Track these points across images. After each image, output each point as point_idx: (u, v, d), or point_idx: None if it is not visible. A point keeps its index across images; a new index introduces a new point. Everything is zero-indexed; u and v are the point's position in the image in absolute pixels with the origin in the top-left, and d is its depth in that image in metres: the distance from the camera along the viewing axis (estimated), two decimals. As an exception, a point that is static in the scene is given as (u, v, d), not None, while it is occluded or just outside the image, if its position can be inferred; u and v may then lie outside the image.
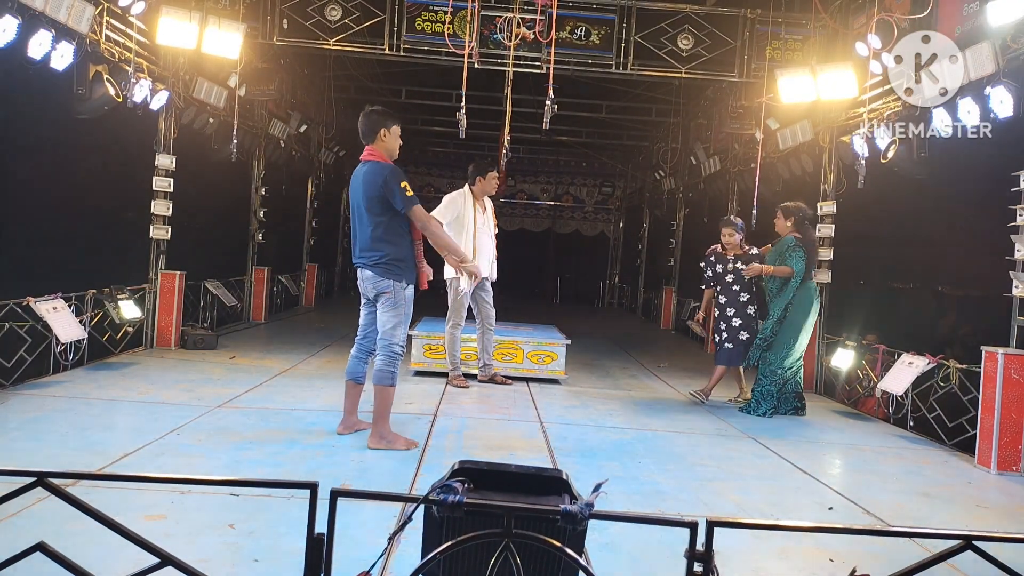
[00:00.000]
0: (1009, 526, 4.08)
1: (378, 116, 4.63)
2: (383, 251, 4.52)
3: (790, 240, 6.43)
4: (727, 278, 6.87)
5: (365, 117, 4.64)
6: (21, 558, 1.78)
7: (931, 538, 1.95)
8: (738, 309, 6.75)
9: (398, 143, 4.70)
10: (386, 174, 4.46)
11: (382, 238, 4.52)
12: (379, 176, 4.47)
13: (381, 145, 4.61)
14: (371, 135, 4.60)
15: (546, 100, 7.18)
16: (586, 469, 4.40)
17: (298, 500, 3.35)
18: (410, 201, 4.45)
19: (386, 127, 4.60)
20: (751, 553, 3.28)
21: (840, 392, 7.52)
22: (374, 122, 4.60)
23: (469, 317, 6.85)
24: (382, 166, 4.52)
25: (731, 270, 6.86)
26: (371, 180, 4.49)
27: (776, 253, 6.49)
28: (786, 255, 6.35)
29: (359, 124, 4.64)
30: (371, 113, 4.65)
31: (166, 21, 7.13)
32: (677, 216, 13.94)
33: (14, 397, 5.28)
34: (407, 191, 4.44)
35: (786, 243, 6.43)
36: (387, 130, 4.61)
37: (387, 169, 4.50)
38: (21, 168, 6.06)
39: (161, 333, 7.87)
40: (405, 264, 4.55)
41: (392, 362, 4.57)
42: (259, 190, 10.96)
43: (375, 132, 4.59)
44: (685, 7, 8.28)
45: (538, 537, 1.75)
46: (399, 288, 4.53)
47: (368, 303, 4.75)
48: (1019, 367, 5.03)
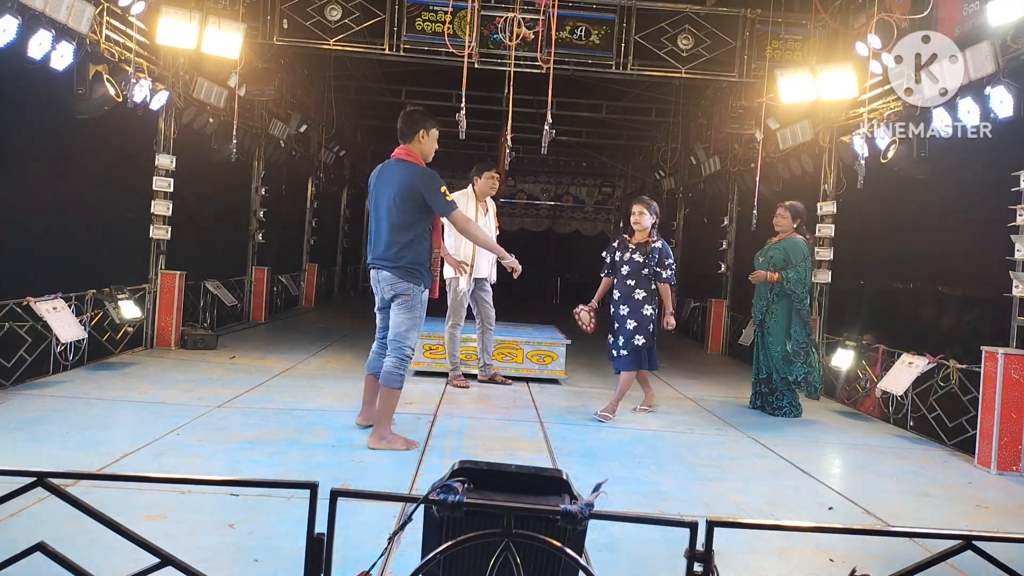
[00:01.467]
0: (1009, 526, 4.08)
1: (419, 117, 4.66)
2: (405, 254, 4.53)
3: (804, 247, 6.47)
4: (622, 269, 5.95)
5: (406, 116, 4.66)
6: (21, 558, 1.78)
7: (931, 538, 1.95)
8: (632, 308, 5.86)
9: (435, 146, 4.73)
10: (426, 178, 4.48)
11: (406, 241, 4.52)
12: (416, 178, 4.48)
13: (418, 146, 4.63)
14: (410, 135, 4.62)
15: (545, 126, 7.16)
16: (586, 469, 4.40)
17: (298, 500, 3.34)
18: (450, 206, 4.48)
19: (426, 128, 4.63)
20: (751, 553, 3.28)
21: (840, 392, 7.52)
22: (415, 122, 4.62)
23: (469, 317, 6.86)
24: (420, 169, 4.55)
25: (627, 260, 5.93)
26: (406, 180, 4.49)
27: (781, 256, 6.45)
28: (799, 265, 6.39)
29: (398, 123, 4.68)
30: (412, 113, 4.68)
31: (166, 21, 7.13)
32: (677, 216, 13.94)
33: (14, 397, 5.28)
34: (447, 195, 4.47)
35: (802, 251, 6.44)
36: (426, 132, 4.63)
37: (426, 173, 4.53)
38: (21, 168, 6.06)
39: (161, 333, 7.87)
40: (424, 268, 4.55)
41: (402, 364, 4.58)
42: (259, 190, 10.96)
43: (415, 132, 4.62)
44: (685, 7, 8.28)
45: (538, 537, 1.75)
46: (417, 292, 4.54)
47: (383, 307, 4.75)
48: (1019, 367, 5.03)
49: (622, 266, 5.95)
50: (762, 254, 6.68)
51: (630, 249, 5.96)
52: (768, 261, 6.54)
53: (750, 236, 8.66)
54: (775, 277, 6.41)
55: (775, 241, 6.65)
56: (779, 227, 6.62)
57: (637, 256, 5.89)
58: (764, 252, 6.67)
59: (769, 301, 6.53)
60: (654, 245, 5.89)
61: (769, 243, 6.74)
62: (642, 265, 5.87)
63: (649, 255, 5.86)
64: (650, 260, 5.85)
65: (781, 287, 6.43)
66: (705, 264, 11.83)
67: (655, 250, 5.88)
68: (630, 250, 5.96)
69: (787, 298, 6.44)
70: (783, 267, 6.43)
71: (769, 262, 6.53)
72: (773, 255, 6.52)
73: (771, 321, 6.52)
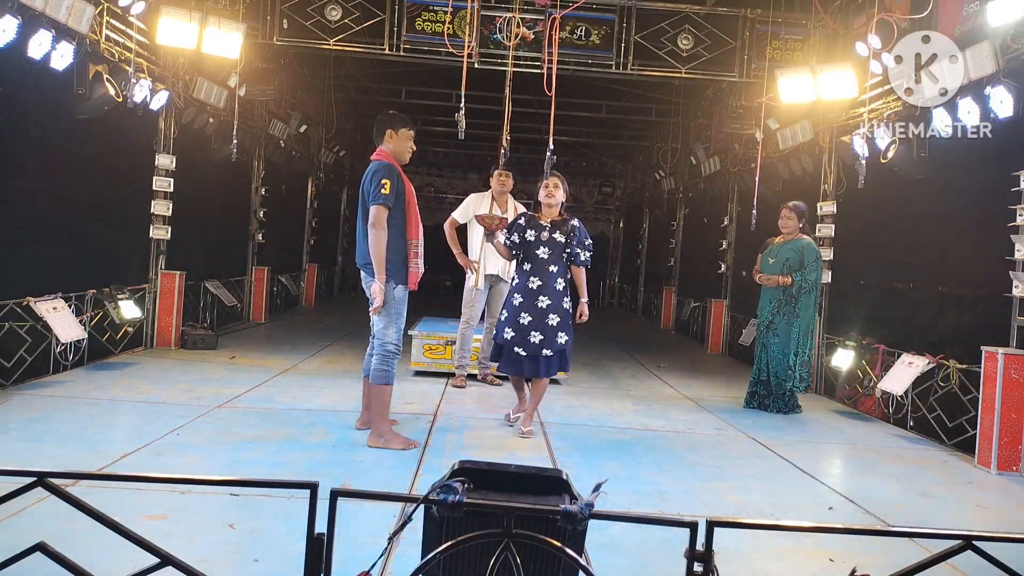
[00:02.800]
0: (1009, 526, 4.08)
1: (387, 119, 4.75)
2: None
3: (815, 248, 6.49)
4: (539, 252, 5.04)
5: (377, 120, 4.77)
6: (21, 558, 1.78)
7: (931, 538, 1.95)
8: (553, 302, 5.02)
9: (407, 146, 4.73)
10: (372, 171, 4.52)
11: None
12: (370, 172, 4.53)
13: (387, 146, 4.67)
14: (379, 136, 4.72)
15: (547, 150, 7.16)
16: (586, 469, 4.41)
17: (298, 500, 3.34)
18: (377, 198, 4.42)
19: (393, 129, 4.68)
20: (751, 553, 3.28)
21: (840, 392, 7.52)
22: (383, 123, 4.73)
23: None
24: (377, 163, 4.57)
25: (545, 241, 5.04)
26: (367, 178, 4.57)
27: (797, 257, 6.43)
28: (809, 266, 6.39)
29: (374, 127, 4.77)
30: (382, 116, 4.80)
31: (166, 21, 7.12)
32: (677, 216, 13.94)
33: (14, 397, 5.28)
34: (383, 188, 4.42)
35: (812, 251, 6.44)
36: (394, 132, 4.68)
37: (379, 165, 4.54)
38: (21, 168, 6.06)
39: (161, 333, 7.87)
40: (392, 263, 4.55)
41: (387, 361, 4.58)
42: (259, 190, 10.97)
43: (382, 133, 4.71)
44: (685, 7, 8.28)
45: (538, 537, 1.75)
46: (388, 288, 4.54)
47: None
48: (1019, 367, 5.03)
49: (537, 247, 5.03)
50: (771, 254, 6.60)
51: (545, 228, 5.07)
52: (782, 262, 6.48)
53: (750, 236, 8.65)
54: (787, 281, 6.40)
55: (781, 241, 6.62)
56: (786, 228, 6.59)
57: (558, 236, 5.04)
58: (773, 252, 6.60)
59: (781, 303, 6.49)
60: (572, 224, 5.13)
61: (771, 243, 6.70)
62: (563, 247, 5.07)
63: (570, 235, 5.07)
64: (571, 241, 5.09)
65: (791, 290, 6.43)
66: (705, 264, 11.83)
67: (575, 229, 5.11)
68: (546, 229, 5.07)
69: (797, 302, 6.43)
70: (799, 268, 6.41)
71: (784, 263, 6.47)
72: (789, 256, 6.46)
73: (781, 323, 6.48)
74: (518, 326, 5.01)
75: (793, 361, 6.45)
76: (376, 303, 4.47)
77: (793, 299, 6.44)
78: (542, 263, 5.03)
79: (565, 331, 5.05)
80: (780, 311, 6.50)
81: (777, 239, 6.69)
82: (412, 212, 4.63)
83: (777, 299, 6.52)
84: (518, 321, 5.00)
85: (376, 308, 4.50)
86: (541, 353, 5.01)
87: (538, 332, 4.99)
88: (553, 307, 5.02)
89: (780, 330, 6.49)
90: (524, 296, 5.03)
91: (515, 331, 5.02)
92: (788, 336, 6.45)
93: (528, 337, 4.99)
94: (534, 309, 5.00)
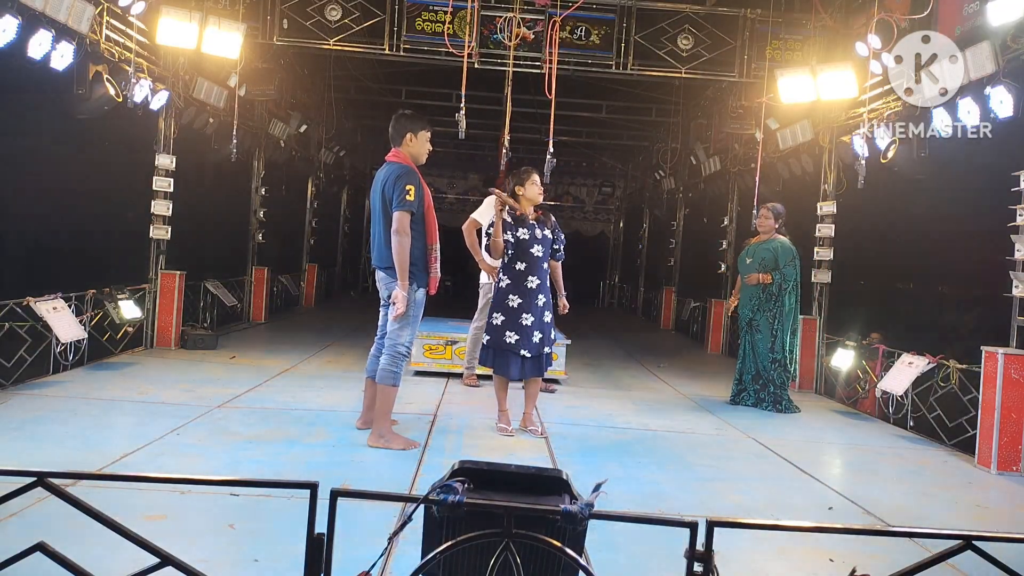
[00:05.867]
0: (1009, 526, 4.08)
1: (407, 120, 4.67)
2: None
3: (792, 248, 6.57)
4: (533, 250, 4.94)
5: (394, 120, 4.69)
6: (21, 558, 1.77)
7: (931, 538, 1.95)
8: (548, 299, 5.06)
9: (425, 148, 4.71)
10: (395, 175, 4.47)
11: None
12: (393, 175, 4.48)
13: (406, 148, 4.63)
14: (398, 138, 4.65)
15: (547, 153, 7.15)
16: (586, 469, 4.40)
17: (298, 500, 3.34)
18: (403, 204, 4.40)
19: (413, 132, 4.63)
20: (751, 553, 3.28)
21: (840, 392, 7.52)
22: (402, 125, 4.64)
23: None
24: (399, 166, 4.53)
25: (539, 239, 4.94)
26: (388, 180, 4.51)
27: (771, 257, 6.53)
28: (787, 266, 6.49)
29: (389, 126, 4.69)
30: (400, 117, 4.70)
31: (166, 21, 7.13)
32: (677, 216, 13.94)
33: (14, 397, 5.28)
34: (408, 194, 4.41)
35: (789, 251, 6.55)
36: (414, 135, 4.63)
37: (403, 169, 4.50)
38: (21, 168, 6.06)
39: (161, 333, 7.87)
40: (416, 267, 4.54)
41: (396, 362, 4.58)
42: (259, 190, 10.96)
43: (402, 136, 4.63)
44: (685, 7, 8.28)
45: (538, 537, 1.75)
46: (410, 291, 4.53)
47: (385, 304, 4.76)
48: (1019, 367, 5.03)
49: (531, 245, 4.92)
50: (748, 254, 6.78)
51: (534, 225, 4.97)
52: (759, 262, 6.63)
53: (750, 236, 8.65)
54: (768, 279, 6.53)
55: (758, 242, 6.77)
56: (762, 228, 6.76)
57: (547, 232, 5.00)
58: (750, 252, 6.77)
59: (761, 300, 6.60)
60: (552, 218, 5.11)
61: (749, 243, 6.88)
62: (552, 242, 5.05)
63: (554, 231, 5.07)
64: (556, 235, 5.10)
65: (771, 288, 6.53)
66: (705, 264, 11.83)
67: (555, 223, 5.10)
68: (536, 226, 4.98)
69: (779, 300, 6.50)
70: (773, 268, 6.54)
71: (760, 263, 6.61)
72: (765, 256, 6.61)
73: (763, 320, 6.60)
74: (521, 328, 4.93)
75: (781, 356, 6.52)
76: (399, 310, 4.43)
77: (774, 297, 6.55)
78: (536, 261, 4.96)
79: (553, 327, 5.09)
80: (760, 308, 6.62)
81: (755, 239, 6.86)
82: (431, 217, 4.63)
83: (757, 297, 6.64)
84: (519, 323, 4.92)
85: (398, 315, 4.47)
86: (543, 351, 5.01)
87: (539, 331, 4.97)
88: (547, 304, 5.02)
89: (762, 326, 6.61)
90: (522, 296, 4.94)
91: (518, 333, 4.92)
92: (769, 332, 6.56)
93: (531, 338, 4.95)
94: (534, 308, 4.96)
